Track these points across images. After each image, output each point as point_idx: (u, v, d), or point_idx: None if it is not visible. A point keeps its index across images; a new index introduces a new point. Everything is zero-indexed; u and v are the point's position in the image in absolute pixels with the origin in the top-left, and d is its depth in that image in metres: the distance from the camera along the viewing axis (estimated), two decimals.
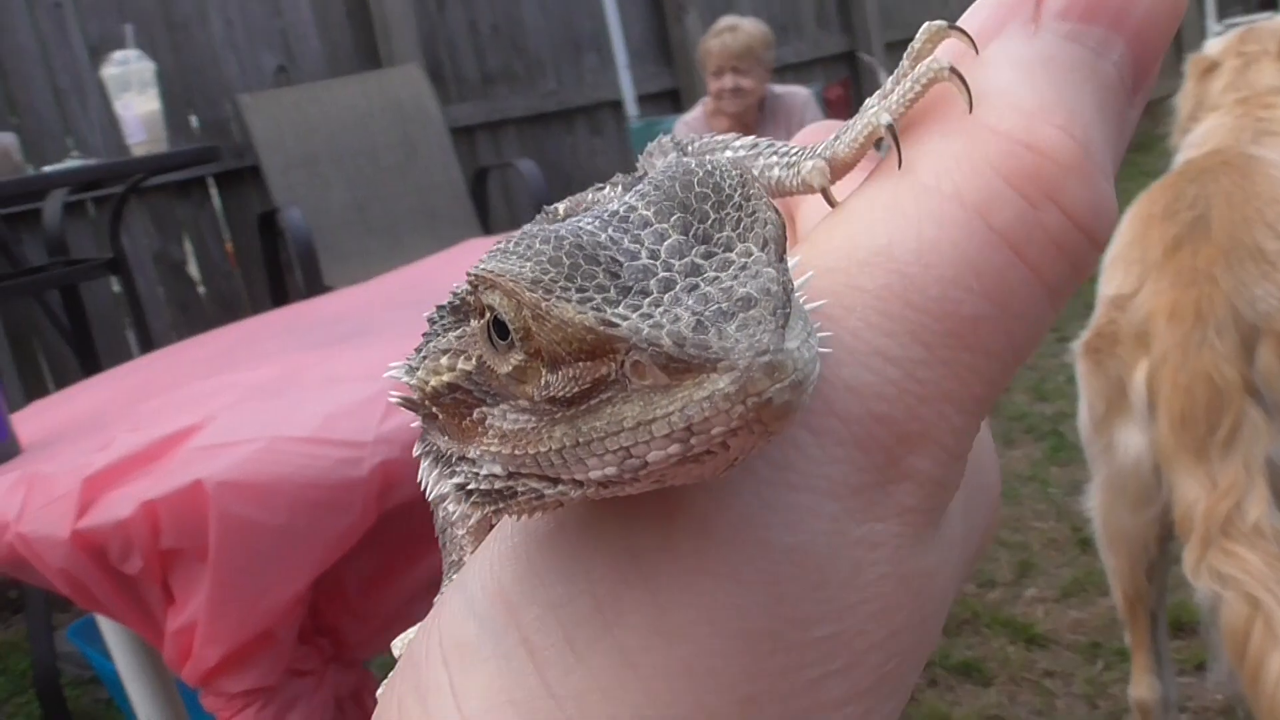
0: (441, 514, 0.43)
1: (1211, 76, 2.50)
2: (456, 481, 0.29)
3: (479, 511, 0.29)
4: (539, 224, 0.30)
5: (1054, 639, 2.82)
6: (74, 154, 4.44)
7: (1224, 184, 2.02)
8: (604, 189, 0.38)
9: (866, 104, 0.34)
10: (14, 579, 2.59)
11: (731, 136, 0.36)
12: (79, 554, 1.43)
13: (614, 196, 0.32)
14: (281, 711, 1.49)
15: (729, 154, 0.36)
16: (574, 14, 6.30)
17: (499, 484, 0.27)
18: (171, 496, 1.41)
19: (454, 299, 0.29)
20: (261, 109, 4.79)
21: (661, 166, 0.27)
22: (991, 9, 0.32)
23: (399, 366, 0.31)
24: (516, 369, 0.26)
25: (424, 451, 0.32)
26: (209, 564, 1.41)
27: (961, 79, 0.30)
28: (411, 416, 0.45)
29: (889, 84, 0.33)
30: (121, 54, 3.72)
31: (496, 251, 0.26)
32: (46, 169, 3.81)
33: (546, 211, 0.37)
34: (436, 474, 0.31)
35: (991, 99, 0.29)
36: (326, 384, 1.76)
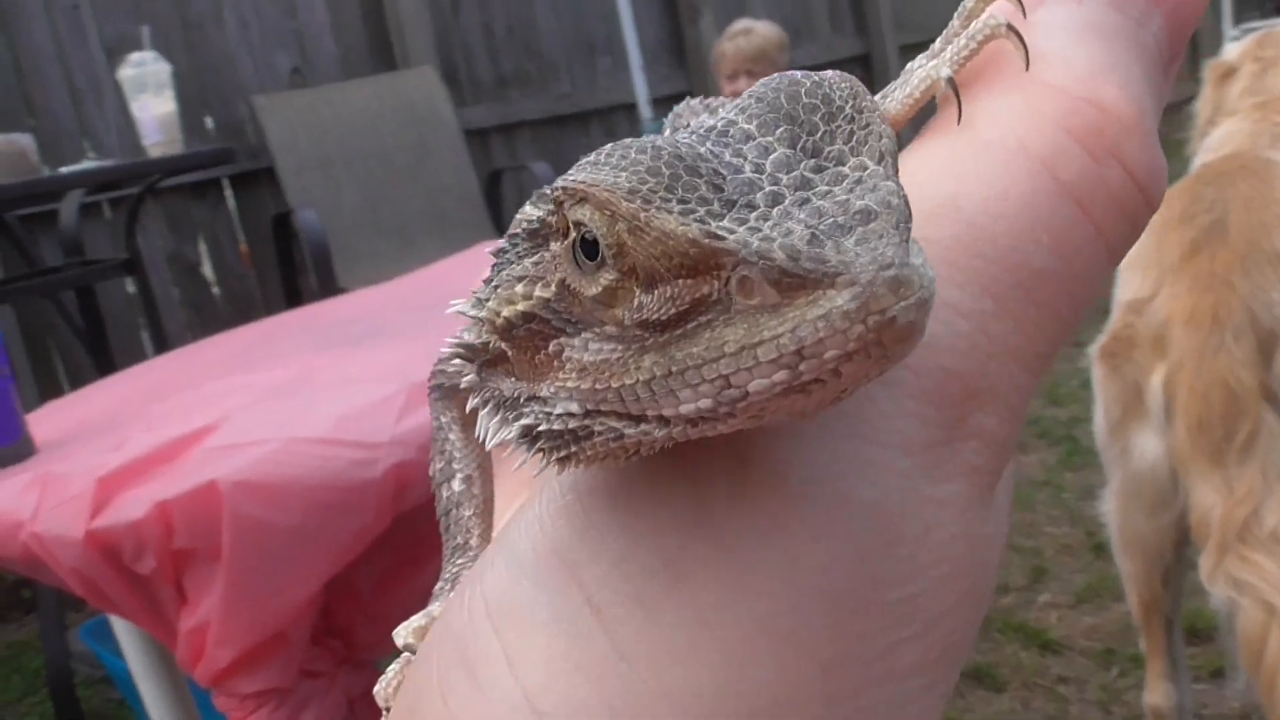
0: (445, 495, 0.41)
1: (1229, 81, 2.48)
2: (524, 423, 0.27)
3: (544, 459, 0.27)
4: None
5: (1068, 645, 2.80)
6: (90, 155, 4.46)
7: (1242, 188, 2.01)
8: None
9: (912, 64, 0.33)
10: (28, 578, 2.60)
11: None
12: (93, 554, 1.43)
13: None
14: (294, 712, 1.49)
15: None
16: (588, 17, 6.30)
17: (573, 424, 0.25)
18: (185, 497, 1.41)
19: (529, 223, 0.27)
20: (276, 111, 4.80)
21: (765, 79, 0.26)
22: None
23: (464, 302, 0.29)
24: (606, 290, 0.24)
25: (482, 400, 0.30)
26: (222, 564, 1.41)
27: (1019, 36, 0.29)
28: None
29: (938, 44, 0.33)
30: (138, 55, 3.74)
31: (585, 164, 0.24)
32: (63, 170, 3.83)
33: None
34: (498, 420, 0.29)
35: (1048, 58, 0.29)
36: (341, 385, 1.77)
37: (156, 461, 1.53)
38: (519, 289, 0.27)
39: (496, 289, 0.28)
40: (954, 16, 0.33)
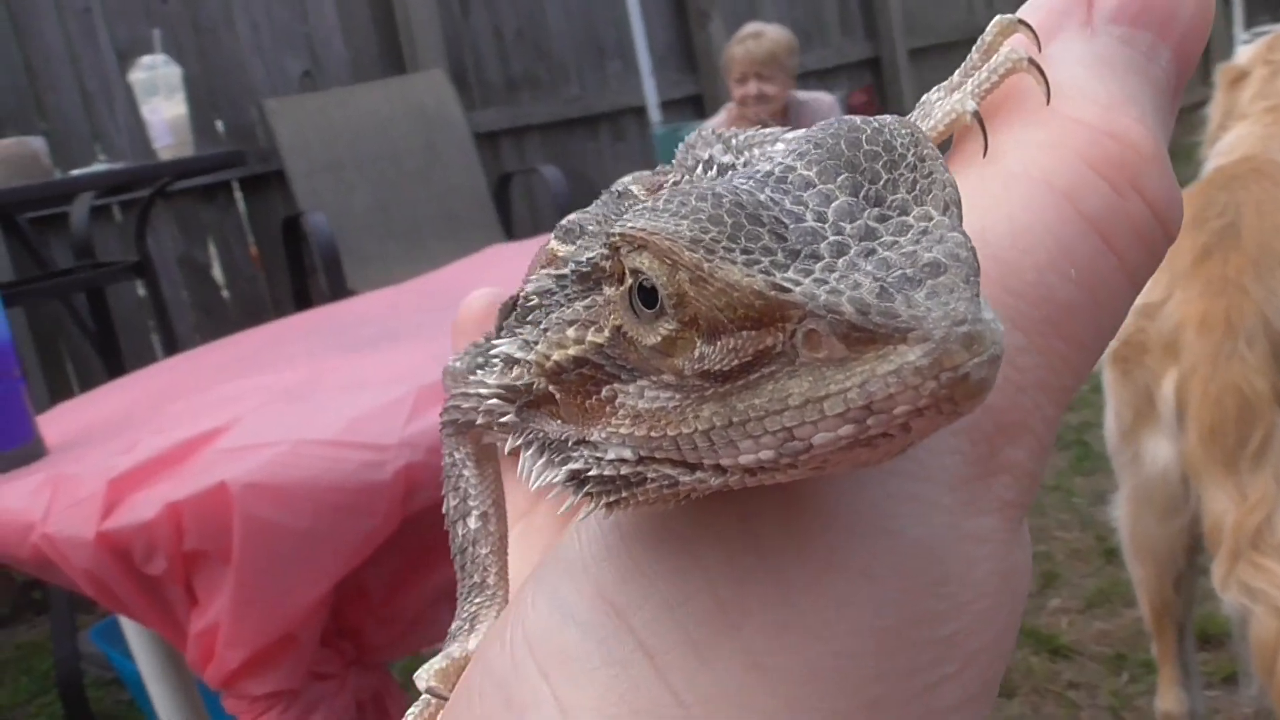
0: (461, 532, 0.41)
1: (1241, 86, 2.48)
2: (572, 468, 0.26)
3: (593, 502, 0.27)
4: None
5: (1079, 650, 2.80)
6: (101, 158, 4.48)
7: (1254, 192, 2.00)
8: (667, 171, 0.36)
9: (929, 96, 0.33)
10: (39, 580, 2.60)
11: (782, 130, 0.33)
12: (103, 555, 1.44)
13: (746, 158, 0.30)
14: (303, 714, 1.49)
15: (781, 146, 0.35)
16: (598, 20, 6.31)
17: (625, 470, 0.25)
18: (196, 498, 1.41)
19: (579, 265, 0.27)
20: (286, 114, 4.81)
21: (821, 124, 0.25)
22: (1043, 13, 0.32)
23: (509, 344, 0.29)
24: (665, 340, 0.23)
25: (525, 441, 0.30)
26: (232, 566, 1.41)
27: (1040, 70, 0.30)
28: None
29: (956, 76, 0.33)
30: (149, 58, 3.75)
31: (642, 210, 0.24)
32: (74, 172, 3.84)
33: (619, 192, 0.35)
34: (543, 463, 0.28)
35: (1067, 92, 0.29)
36: (351, 388, 1.77)
37: (167, 463, 1.54)
38: (570, 333, 0.26)
39: (545, 332, 0.27)
40: (973, 50, 0.34)
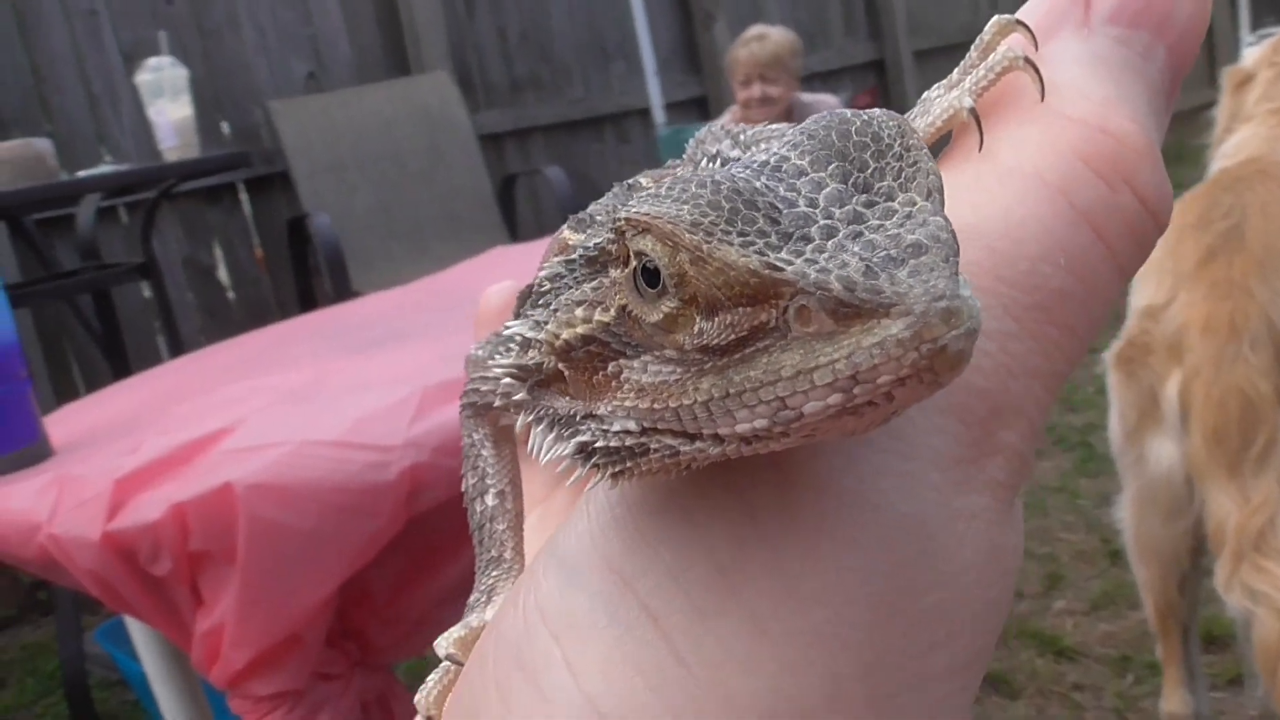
0: (479, 509, 0.43)
1: (1247, 88, 2.47)
2: (580, 440, 0.28)
3: (599, 473, 0.28)
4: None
5: (1083, 652, 2.79)
6: (107, 159, 4.49)
7: (1259, 193, 2.00)
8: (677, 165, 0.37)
9: (929, 93, 0.35)
10: (44, 580, 2.61)
11: (788, 126, 0.34)
12: (109, 556, 1.44)
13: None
14: (308, 715, 1.49)
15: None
16: (602, 21, 6.31)
17: (630, 441, 0.27)
18: (201, 499, 1.42)
19: (587, 250, 0.29)
20: (291, 115, 4.82)
21: (815, 117, 0.27)
22: (1042, 13, 0.33)
23: (520, 324, 0.31)
24: (667, 317, 0.25)
25: (536, 417, 0.31)
26: (237, 567, 1.41)
27: (1035, 69, 0.31)
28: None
29: (956, 74, 0.34)
30: (155, 60, 3.76)
31: (646, 197, 0.26)
32: (80, 174, 3.85)
33: (629, 185, 0.37)
34: (553, 437, 0.30)
35: (1062, 89, 0.31)
36: (355, 389, 1.77)
37: (172, 464, 1.54)
38: (579, 313, 0.28)
39: (555, 312, 0.29)
40: (971, 48, 0.35)
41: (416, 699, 0.38)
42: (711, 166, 0.30)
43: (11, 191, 3.24)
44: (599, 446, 0.28)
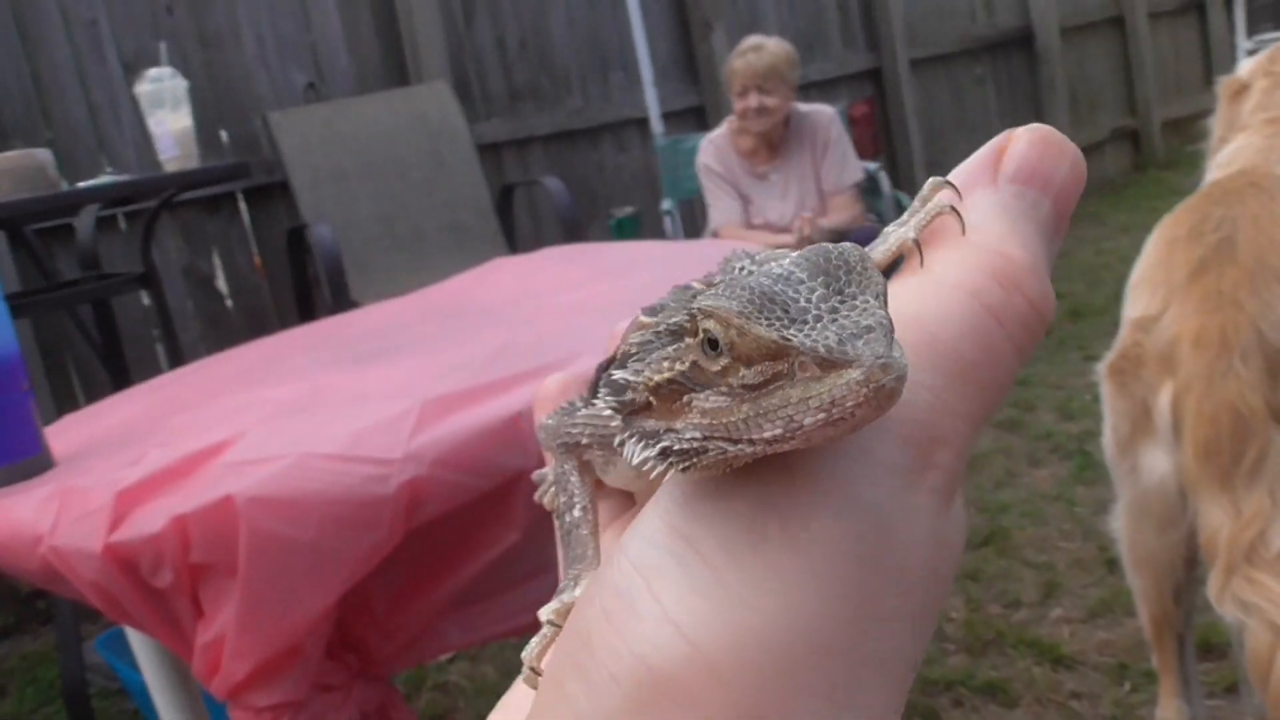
0: (568, 520, 0.58)
1: (1242, 98, 2.49)
2: (663, 445, 0.41)
3: (674, 468, 0.40)
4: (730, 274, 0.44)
5: (1080, 660, 2.80)
6: (107, 170, 4.50)
7: (1251, 206, 2.01)
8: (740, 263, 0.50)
9: (888, 230, 0.49)
10: (44, 590, 2.62)
11: (786, 253, 0.47)
12: (110, 567, 1.45)
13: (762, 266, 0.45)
14: None
15: (787, 261, 0.48)
16: (601, 31, 6.34)
17: (695, 444, 0.39)
18: (202, 511, 1.43)
19: (670, 325, 0.41)
20: (291, 125, 4.84)
21: (806, 249, 0.39)
22: (965, 175, 0.47)
23: (623, 373, 0.44)
24: (722, 369, 0.38)
25: (629, 435, 0.44)
26: (238, 578, 1.42)
27: (958, 214, 0.45)
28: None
29: (905, 216, 0.48)
30: (155, 71, 3.77)
31: (709, 294, 0.39)
32: (80, 184, 3.86)
33: (685, 286, 0.50)
34: (643, 445, 0.43)
35: (977, 227, 0.45)
36: (355, 401, 1.78)
37: (174, 476, 1.55)
38: (664, 365, 0.41)
39: (649, 364, 0.42)
40: (915, 199, 0.48)
41: (524, 653, 0.50)
42: (742, 276, 0.43)
43: (12, 202, 3.25)
44: (675, 449, 0.40)
